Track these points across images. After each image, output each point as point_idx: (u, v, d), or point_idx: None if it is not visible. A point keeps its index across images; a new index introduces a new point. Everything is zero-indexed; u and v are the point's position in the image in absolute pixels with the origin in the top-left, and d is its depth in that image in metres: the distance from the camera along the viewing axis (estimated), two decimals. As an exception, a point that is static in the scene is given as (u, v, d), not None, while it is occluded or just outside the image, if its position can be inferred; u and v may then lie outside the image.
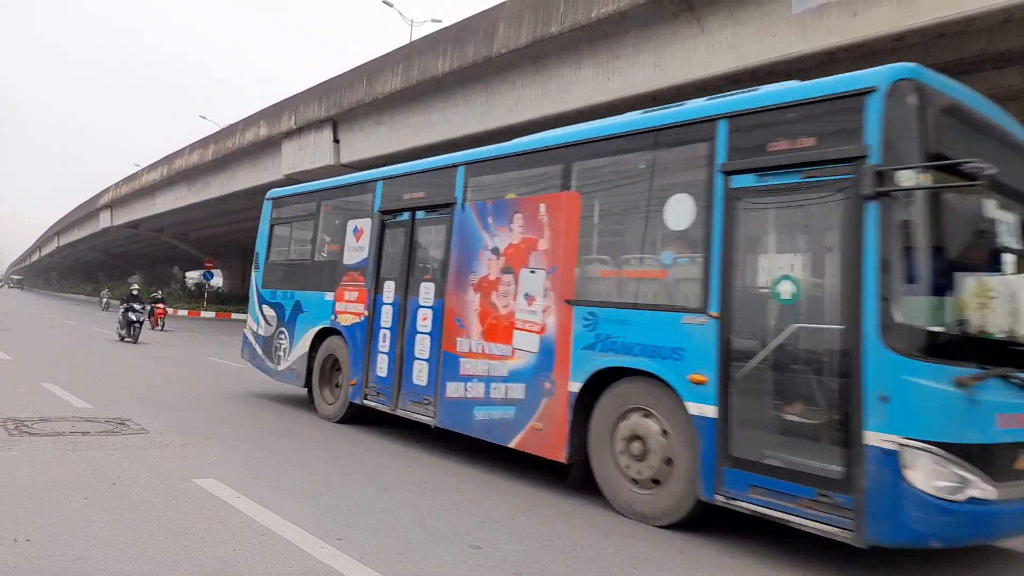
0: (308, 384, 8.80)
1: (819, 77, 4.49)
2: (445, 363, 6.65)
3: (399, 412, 7.20)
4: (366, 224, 8.08)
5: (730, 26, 11.00)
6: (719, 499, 4.46)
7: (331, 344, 8.42)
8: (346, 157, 20.59)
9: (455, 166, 7.05)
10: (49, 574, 3.40)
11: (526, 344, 5.89)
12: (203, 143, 29.49)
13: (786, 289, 4.38)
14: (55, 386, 9.24)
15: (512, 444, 5.91)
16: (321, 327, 8.54)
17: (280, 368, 9.31)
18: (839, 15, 9.81)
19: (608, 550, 4.39)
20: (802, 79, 4.66)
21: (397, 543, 4.19)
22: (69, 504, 4.46)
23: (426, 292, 7.11)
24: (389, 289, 7.61)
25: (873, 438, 3.77)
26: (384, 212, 7.89)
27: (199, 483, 5.12)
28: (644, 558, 4.31)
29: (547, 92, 14.28)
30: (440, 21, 21.88)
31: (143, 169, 38.16)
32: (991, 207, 3.88)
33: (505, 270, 6.23)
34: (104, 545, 3.80)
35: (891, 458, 3.71)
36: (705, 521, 4.83)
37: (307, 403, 9.12)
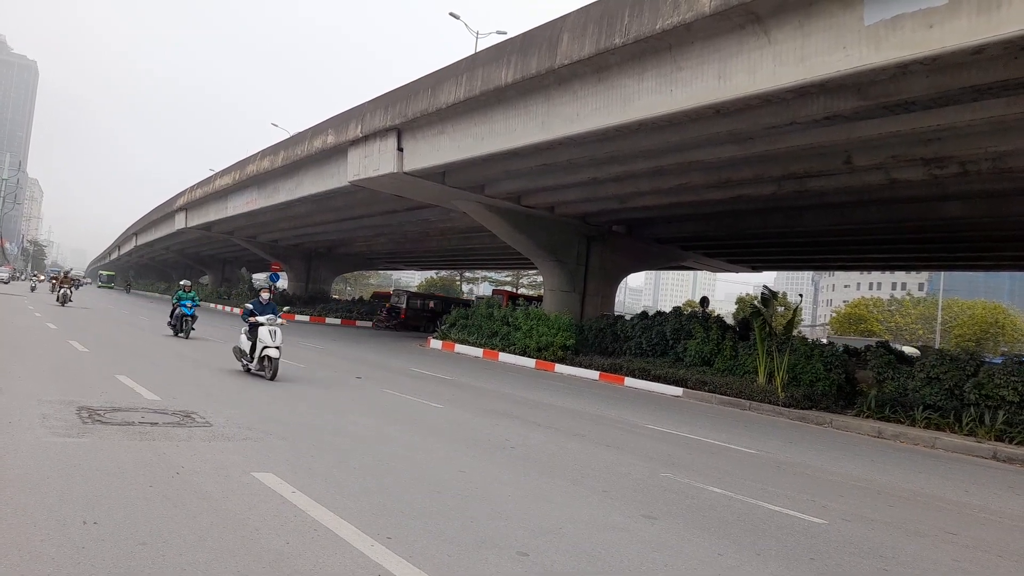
0: None
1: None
2: None
3: None
4: None
5: (798, 37, 10.75)
6: None
7: None
8: (409, 165, 20.93)
9: None
10: (113, 557, 3.56)
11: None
12: (274, 149, 30.45)
13: None
14: (127, 378, 9.66)
15: None
16: None
17: None
18: (914, 26, 9.47)
19: None
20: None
21: (445, 544, 4.23)
22: (135, 491, 4.66)
23: None
24: None
25: None
26: None
27: (258, 476, 5.28)
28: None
29: (609, 102, 14.22)
30: (505, 33, 22.03)
31: (217, 174, 39.61)
32: None
33: None
34: (165, 532, 3.96)
35: None
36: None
37: (367, 406, 9.25)
